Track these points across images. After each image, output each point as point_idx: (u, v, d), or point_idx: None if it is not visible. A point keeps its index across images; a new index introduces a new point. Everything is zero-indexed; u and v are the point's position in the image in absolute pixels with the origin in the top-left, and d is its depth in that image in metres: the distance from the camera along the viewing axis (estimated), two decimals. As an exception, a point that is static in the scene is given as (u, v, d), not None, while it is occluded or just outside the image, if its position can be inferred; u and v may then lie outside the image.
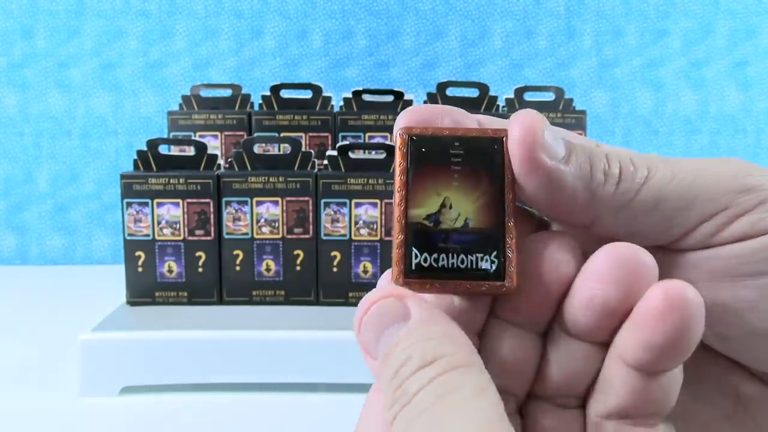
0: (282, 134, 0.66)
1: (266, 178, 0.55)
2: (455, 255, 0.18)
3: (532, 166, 0.17)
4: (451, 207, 0.18)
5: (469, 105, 0.68)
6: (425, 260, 0.18)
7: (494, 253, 0.18)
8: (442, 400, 0.15)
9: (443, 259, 0.18)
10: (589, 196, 0.17)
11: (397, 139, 0.18)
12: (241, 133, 0.67)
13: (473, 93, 0.69)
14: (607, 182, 0.17)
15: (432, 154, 0.18)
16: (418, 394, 0.15)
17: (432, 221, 0.18)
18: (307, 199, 0.55)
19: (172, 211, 0.55)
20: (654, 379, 0.17)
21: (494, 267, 0.17)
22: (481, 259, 0.18)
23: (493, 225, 0.18)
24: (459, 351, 0.16)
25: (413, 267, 0.18)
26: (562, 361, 0.18)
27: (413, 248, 0.18)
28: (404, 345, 0.16)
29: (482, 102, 0.68)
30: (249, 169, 0.56)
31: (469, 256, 0.18)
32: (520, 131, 0.17)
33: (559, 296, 0.18)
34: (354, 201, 0.55)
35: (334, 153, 0.56)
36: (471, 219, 0.18)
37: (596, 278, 0.17)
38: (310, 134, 0.67)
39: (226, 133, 0.67)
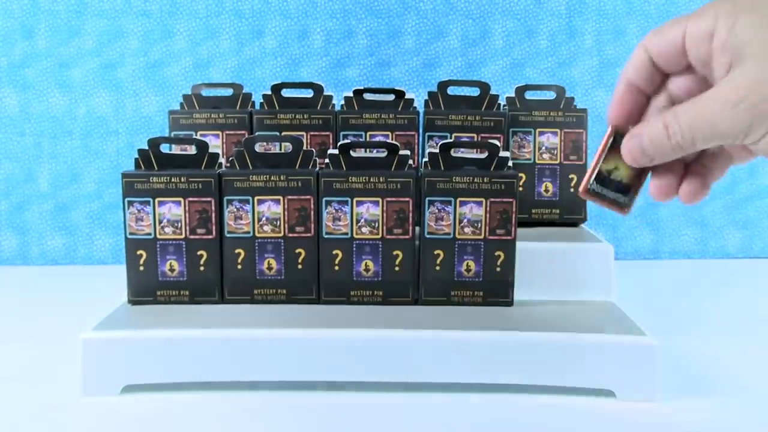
0: (283, 133, 0.66)
1: (268, 176, 0.55)
2: (611, 191, 0.36)
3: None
4: (618, 170, 0.36)
5: (470, 104, 0.68)
6: (597, 187, 0.36)
7: (626, 196, 0.36)
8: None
9: (605, 191, 0.36)
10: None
11: (607, 130, 0.36)
12: (243, 132, 0.67)
13: (474, 92, 0.69)
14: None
15: (618, 146, 0.35)
16: None
17: (608, 172, 0.36)
18: (308, 197, 0.55)
19: (173, 209, 0.55)
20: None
21: (624, 201, 0.36)
22: (619, 196, 0.36)
23: (630, 184, 0.36)
24: None
25: (590, 187, 0.36)
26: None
27: (595, 181, 0.36)
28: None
29: (483, 101, 0.68)
30: (250, 167, 0.56)
31: (616, 194, 0.36)
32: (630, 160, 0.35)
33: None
34: (355, 199, 0.55)
35: (336, 151, 0.56)
36: (624, 178, 0.36)
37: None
38: (312, 133, 0.67)
39: (227, 132, 0.67)
